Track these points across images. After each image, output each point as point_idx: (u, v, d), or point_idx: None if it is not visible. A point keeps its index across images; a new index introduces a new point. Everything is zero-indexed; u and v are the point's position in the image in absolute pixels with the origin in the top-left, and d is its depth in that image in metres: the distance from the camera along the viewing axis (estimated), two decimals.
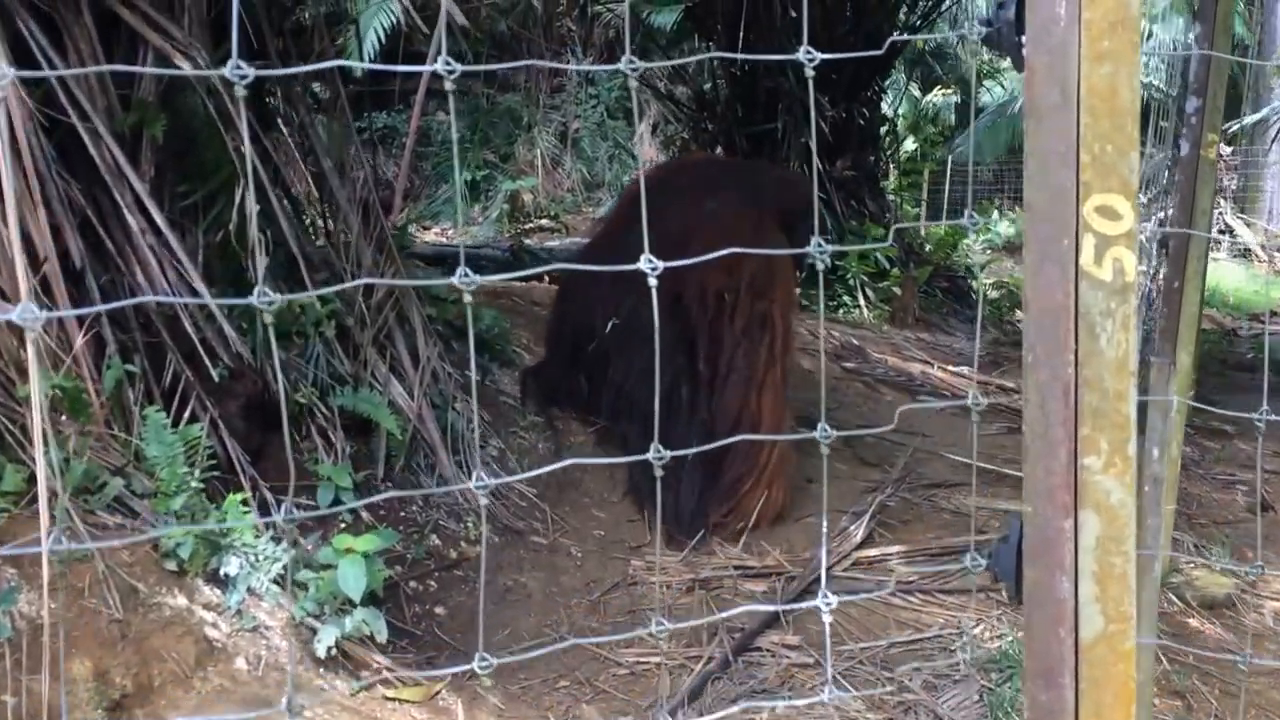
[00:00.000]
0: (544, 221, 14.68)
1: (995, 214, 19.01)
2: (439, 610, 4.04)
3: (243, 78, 1.13)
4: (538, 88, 16.29)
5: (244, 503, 3.47)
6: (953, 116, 21.08)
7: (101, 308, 2.65)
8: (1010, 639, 4.01)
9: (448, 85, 1.20)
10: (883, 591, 4.28)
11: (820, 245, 1.38)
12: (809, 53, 1.23)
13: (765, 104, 10.73)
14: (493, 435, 5.16)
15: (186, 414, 3.89)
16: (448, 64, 1.17)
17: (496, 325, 5.86)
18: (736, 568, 4.61)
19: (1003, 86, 18.90)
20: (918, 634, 4.11)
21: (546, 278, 10.30)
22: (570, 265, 8.13)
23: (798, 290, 6.80)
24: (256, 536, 3.45)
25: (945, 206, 19.00)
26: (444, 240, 12.68)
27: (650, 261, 1.19)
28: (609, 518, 5.01)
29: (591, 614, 4.20)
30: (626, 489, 5.16)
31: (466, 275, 1.18)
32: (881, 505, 5.23)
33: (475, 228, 14.04)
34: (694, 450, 1.64)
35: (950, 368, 8.95)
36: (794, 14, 10.49)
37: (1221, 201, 15.44)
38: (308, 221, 5.08)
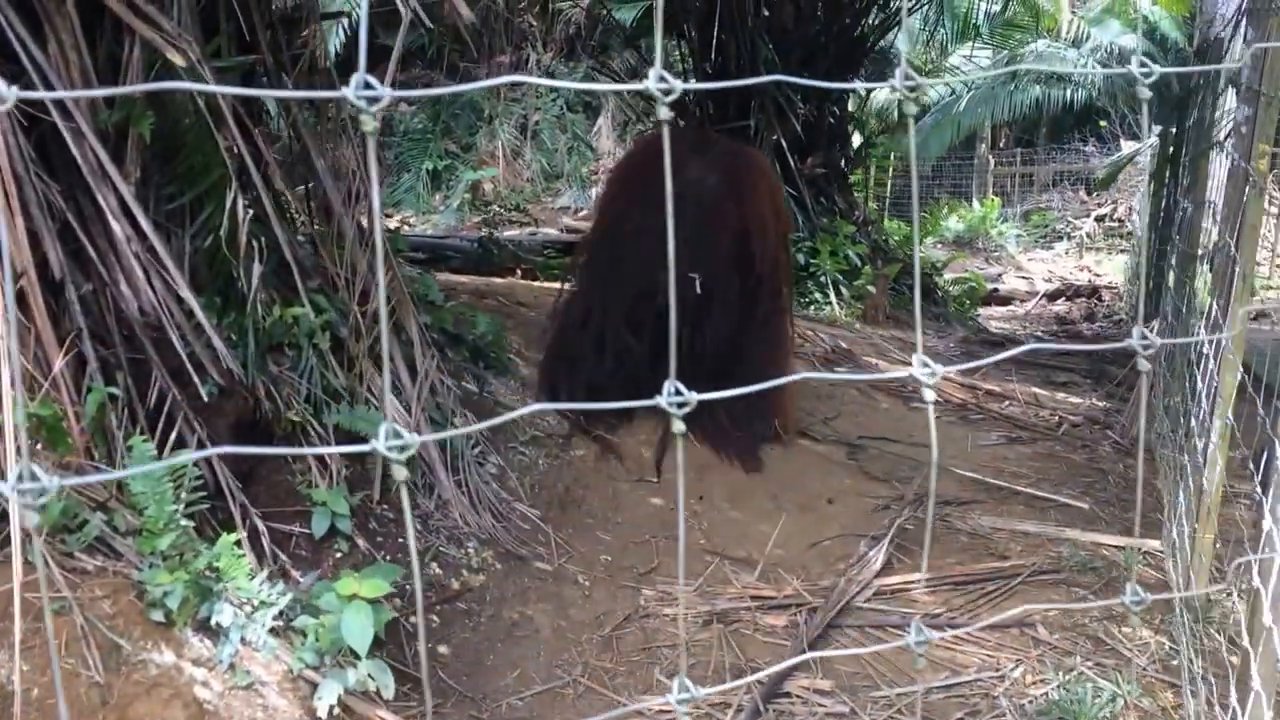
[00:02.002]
0: (512, 214, 14.62)
1: (946, 210, 19.10)
2: (442, 649, 3.76)
3: (373, 101, 0.85)
4: None
5: (237, 544, 3.18)
6: (896, 113, 21.20)
7: None
8: (1056, 684, 3.79)
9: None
10: (943, 635, 4.03)
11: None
12: (663, 79, 1.03)
13: (738, 101, 10.58)
14: (492, 452, 4.88)
15: (173, 436, 3.59)
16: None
17: (491, 332, 5.57)
18: (754, 598, 4.36)
19: (948, 85, 19.01)
20: (954, 676, 3.87)
21: (519, 272, 10.09)
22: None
23: None
24: (251, 578, 3.16)
25: (887, 201, 19.13)
26: (405, 228, 12.54)
27: None
28: (615, 540, 4.75)
29: (604, 652, 3.94)
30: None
31: None
32: (900, 529, 4.99)
33: (437, 216, 14.03)
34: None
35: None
36: (766, 12, 10.33)
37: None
38: (297, 225, 4.76)
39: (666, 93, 1.03)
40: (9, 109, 0.78)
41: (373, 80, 0.90)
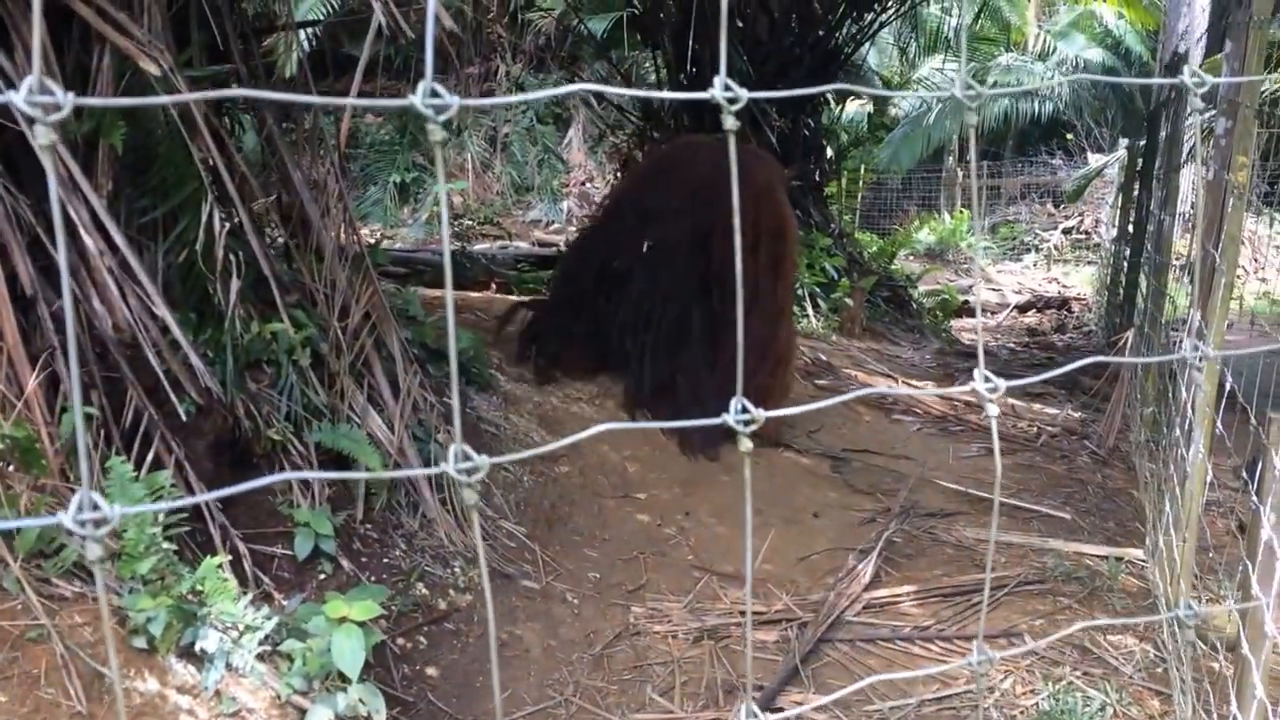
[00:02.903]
0: (484, 227, 14.56)
1: (916, 222, 19.24)
2: (430, 671, 3.67)
3: (440, 110, 0.79)
4: (468, 91, 16.25)
5: (220, 567, 3.08)
6: (865, 125, 21.45)
7: None
8: (1046, 695, 3.76)
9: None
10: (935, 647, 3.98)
11: None
12: (728, 88, 0.99)
13: (712, 112, 10.58)
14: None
15: (150, 456, 3.49)
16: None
17: (473, 347, 5.49)
18: (744, 613, 4.30)
19: (919, 96, 19.20)
20: (945, 688, 3.82)
21: (494, 286, 10.01)
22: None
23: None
24: (236, 602, 3.06)
25: (858, 213, 19.28)
26: (372, 241, 12.46)
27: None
28: (602, 557, 4.68)
29: (595, 671, 3.86)
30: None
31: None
32: (887, 541, 4.95)
33: (405, 229, 13.97)
34: None
35: (914, 382, 8.77)
36: (740, 23, 10.35)
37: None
38: (274, 238, 4.66)
39: (732, 101, 0.99)
40: (62, 116, 0.72)
41: (440, 89, 0.83)
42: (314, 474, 3.49)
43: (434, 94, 0.81)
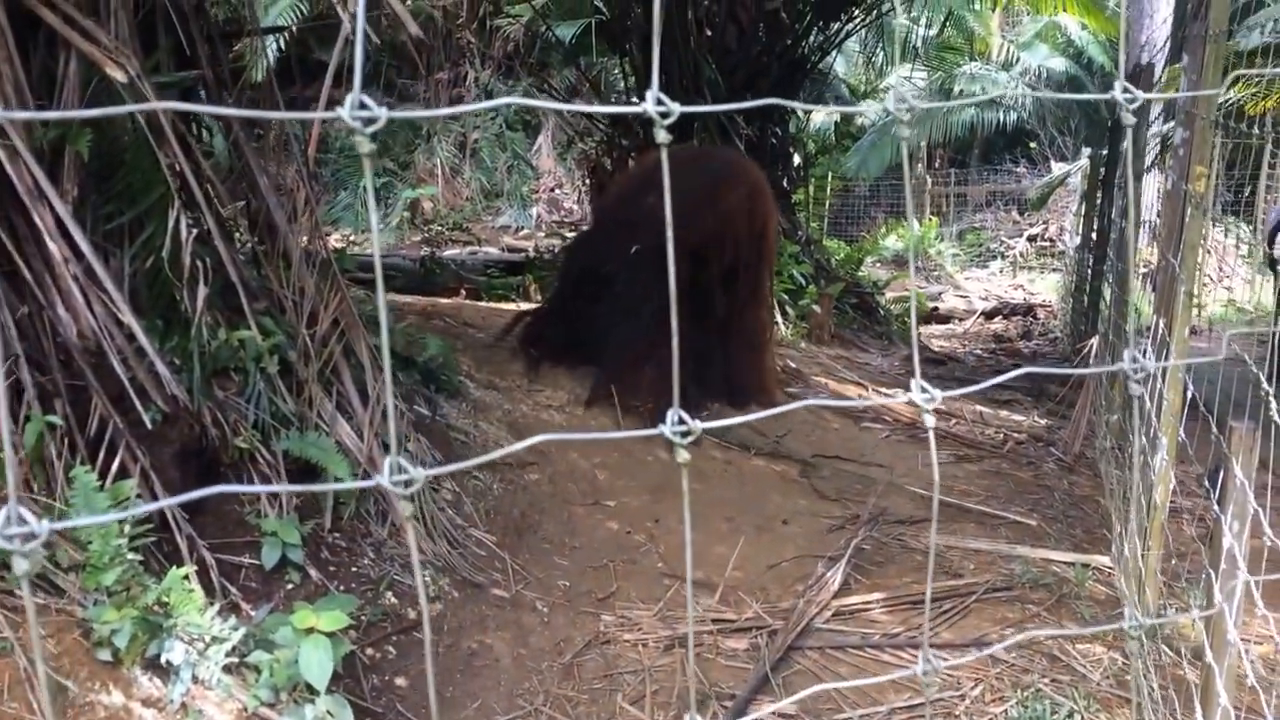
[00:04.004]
0: (453, 233, 14.52)
1: (884, 229, 19.40)
2: (400, 681, 3.64)
3: (368, 122, 0.78)
4: (437, 97, 16.29)
5: (186, 578, 3.04)
6: (832, 134, 21.60)
7: None
8: (1015, 702, 3.78)
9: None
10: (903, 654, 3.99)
11: None
12: (660, 102, 0.99)
13: (681, 121, 10.61)
14: (446, 476, 4.77)
15: (115, 465, 3.45)
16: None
17: (442, 354, 5.47)
18: (714, 621, 4.30)
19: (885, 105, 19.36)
20: (916, 696, 3.83)
21: (464, 292, 9.99)
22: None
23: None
24: (202, 613, 3.03)
25: (825, 220, 19.40)
26: (342, 245, 12.43)
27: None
28: (572, 565, 4.66)
29: (565, 680, 3.84)
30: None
31: None
32: (857, 548, 4.97)
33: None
34: None
35: (883, 389, 8.81)
36: (709, 33, 10.39)
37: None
38: (239, 245, 4.62)
39: (664, 115, 0.98)
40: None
41: (369, 100, 0.83)
42: (258, 488, 3.46)
43: (362, 106, 0.81)
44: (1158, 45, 14.77)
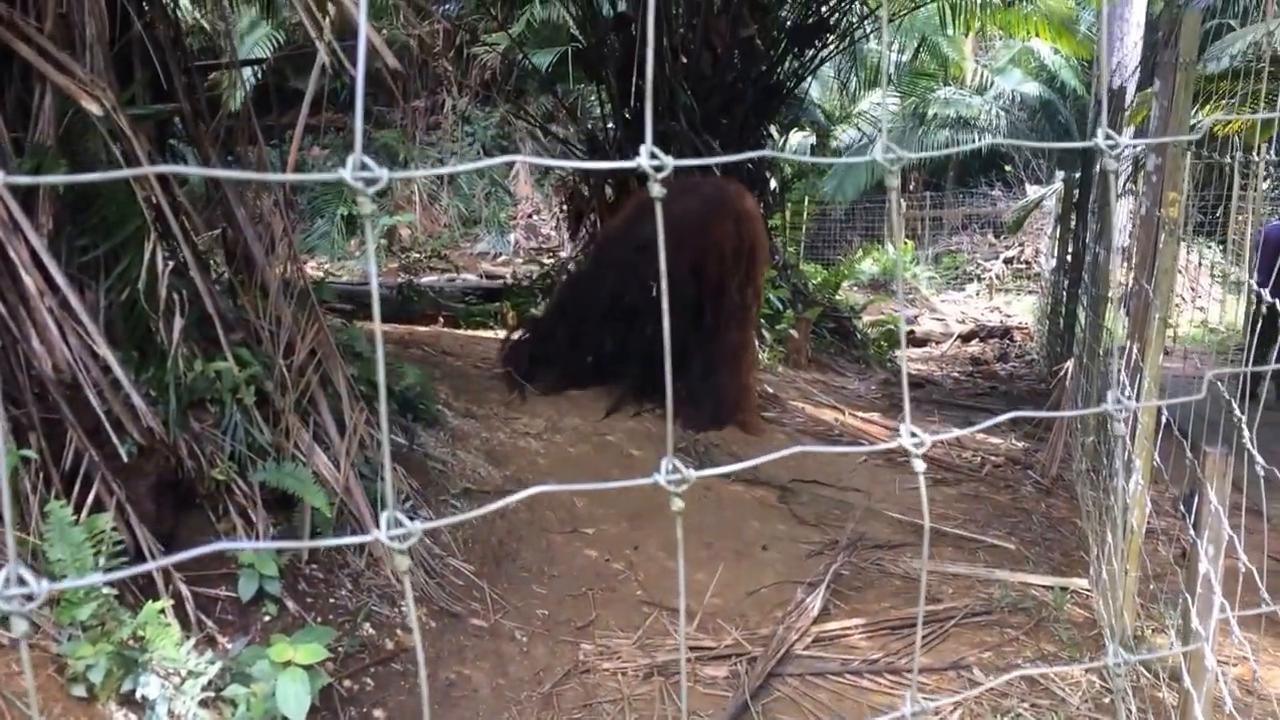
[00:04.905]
0: (431, 260, 14.53)
1: (860, 253, 19.52)
2: (378, 713, 3.62)
3: (370, 183, 0.79)
4: (414, 125, 16.35)
5: (162, 611, 3.03)
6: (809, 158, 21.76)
7: None
8: None
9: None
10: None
11: None
12: (655, 157, 0.99)
13: (658, 143, 10.66)
14: (423, 505, 4.76)
15: (90, 498, 3.43)
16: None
17: (419, 383, 5.46)
18: (694, 649, 4.29)
19: (858, 129, 19.55)
20: None
21: (441, 319, 9.99)
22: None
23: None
24: (178, 646, 3.01)
25: (802, 244, 19.49)
26: (320, 274, 12.44)
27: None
28: (550, 594, 4.65)
29: (545, 710, 3.83)
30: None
31: None
32: (835, 574, 4.98)
33: (352, 262, 13.96)
34: None
35: (860, 414, 8.84)
36: (684, 59, 10.46)
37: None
38: (219, 275, 4.62)
39: (658, 169, 0.99)
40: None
41: (369, 161, 0.84)
42: (232, 545, 3.45)
43: (364, 167, 0.82)
44: (1129, 69, 14.94)
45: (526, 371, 7.24)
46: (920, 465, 1.23)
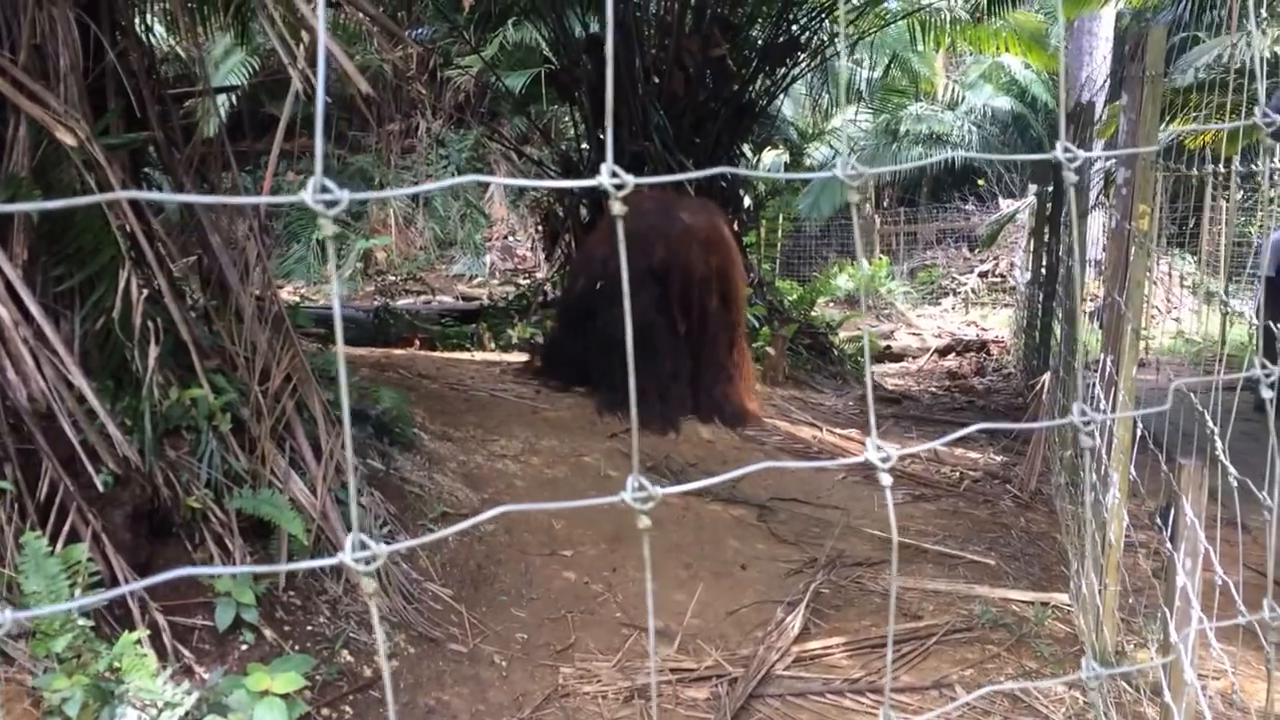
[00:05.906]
0: (407, 283, 14.53)
1: (835, 269, 19.61)
2: None
3: (331, 204, 0.80)
4: (389, 148, 16.38)
5: (138, 642, 3.01)
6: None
7: None
8: None
9: None
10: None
11: None
12: (615, 174, 1.02)
13: (630, 166, 10.69)
14: (401, 530, 4.75)
15: (65, 529, 3.41)
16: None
17: (395, 407, 5.45)
18: (674, 671, 4.29)
19: (831, 147, 19.71)
20: None
21: (418, 342, 9.98)
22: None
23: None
24: (154, 677, 2.99)
25: (777, 261, 19.58)
26: (296, 299, 12.44)
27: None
28: (530, 617, 4.64)
29: None
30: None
31: None
32: (815, 592, 4.99)
33: (328, 285, 13.94)
34: None
35: (838, 430, 8.87)
36: (656, 80, 10.51)
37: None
38: (194, 302, 4.60)
39: (619, 187, 1.01)
40: None
41: (330, 183, 0.85)
42: (220, 569, 3.44)
43: (324, 189, 0.83)
44: (1098, 83, 15.11)
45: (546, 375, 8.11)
46: (887, 480, 1.25)
